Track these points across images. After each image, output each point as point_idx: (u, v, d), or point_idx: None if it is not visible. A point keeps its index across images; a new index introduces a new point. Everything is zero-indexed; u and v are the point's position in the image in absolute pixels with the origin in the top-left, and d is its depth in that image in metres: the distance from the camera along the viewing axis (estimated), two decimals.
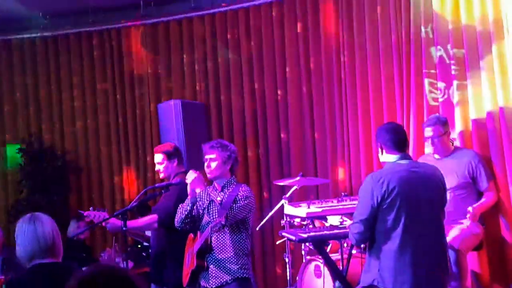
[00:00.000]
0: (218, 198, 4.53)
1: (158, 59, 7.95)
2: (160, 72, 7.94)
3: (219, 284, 4.49)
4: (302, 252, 5.87)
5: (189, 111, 7.18)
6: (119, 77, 8.14)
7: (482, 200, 5.23)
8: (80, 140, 8.29)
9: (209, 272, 4.52)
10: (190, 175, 4.57)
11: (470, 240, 5.11)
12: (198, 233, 4.62)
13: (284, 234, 5.06)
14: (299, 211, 5.21)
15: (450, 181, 4.89)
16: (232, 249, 4.49)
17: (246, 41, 7.48)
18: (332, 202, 5.25)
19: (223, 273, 4.48)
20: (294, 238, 4.68)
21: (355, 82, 6.60)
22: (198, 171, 4.65)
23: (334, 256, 5.22)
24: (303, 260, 5.73)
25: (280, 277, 7.09)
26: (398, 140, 4.01)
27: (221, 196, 4.54)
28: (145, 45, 8.00)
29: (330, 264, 4.91)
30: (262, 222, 6.31)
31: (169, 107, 7.21)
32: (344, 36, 6.70)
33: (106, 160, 8.20)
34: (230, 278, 4.48)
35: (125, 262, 5.10)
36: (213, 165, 4.58)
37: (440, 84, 5.78)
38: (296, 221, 5.73)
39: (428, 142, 5.35)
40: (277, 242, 6.50)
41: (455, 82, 5.63)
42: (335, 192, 6.53)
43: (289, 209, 5.45)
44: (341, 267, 5.05)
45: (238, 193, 4.49)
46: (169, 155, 5.28)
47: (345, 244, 5.19)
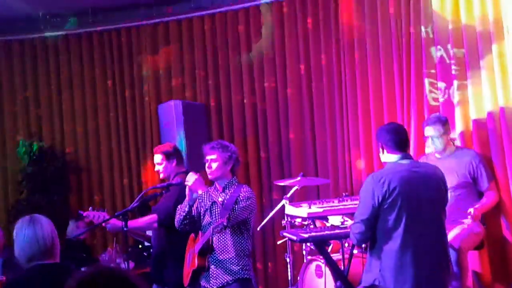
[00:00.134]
0: (220, 199, 4.53)
1: (158, 59, 7.94)
2: (161, 72, 7.93)
3: (220, 285, 4.49)
4: (303, 252, 5.87)
5: (190, 112, 7.17)
6: (119, 77, 8.13)
7: (483, 201, 5.22)
8: (80, 140, 8.28)
9: (210, 273, 4.52)
10: (191, 177, 4.56)
11: (471, 240, 5.10)
12: (200, 233, 4.62)
13: (285, 234, 5.06)
14: (300, 211, 5.19)
15: (451, 181, 4.88)
16: (234, 250, 4.49)
17: (246, 41, 7.47)
18: (333, 202, 5.23)
19: (224, 274, 4.48)
20: (295, 238, 4.68)
21: (356, 82, 6.60)
22: (198, 173, 4.64)
23: (335, 256, 5.22)
24: (304, 260, 5.73)
25: (281, 277, 7.08)
26: (399, 140, 4.01)
27: (223, 197, 4.54)
28: (145, 45, 8.00)
29: (331, 264, 4.91)
30: (263, 222, 6.30)
31: (170, 108, 7.21)
32: (344, 36, 6.70)
33: (107, 160, 8.19)
34: (231, 279, 4.48)
35: (126, 263, 5.11)
36: (214, 166, 4.57)
37: (441, 84, 5.78)
38: (297, 221, 5.73)
39: (429, 141, 5.34)
40: (278, 242, 6.49)
41: (456, 82, 5.63)
42: (336, 192, 6.52)
43: (290, 209, 5.44)
44: (342, 267, 5.04)
45: (240, 194, 4.48)
46: (168, 156, 5.27)
47: (346, 244, 5.18)
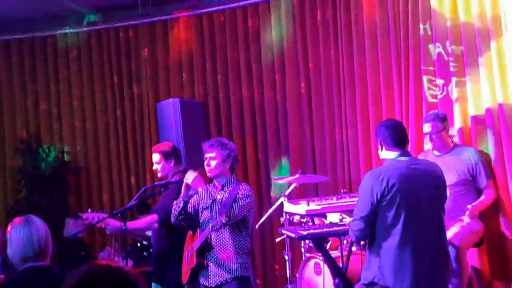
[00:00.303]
0: (218, 197, 4.53)
1: (157, 58, 7.94)
2: (159, 71, 7.93)
3: (219, 283, 4.49)
4: (302, 250, 5.87)
5: (188, 110, 7.17)
6: (118, 76, 8.13)
7: (481, 198, 5.21)
8: (80, 140, 8.28)
9: (209, 271, 4.52)
10: (190, 175, 4.56)
11: (470, 237, 5.10)
12: (198, 231, 4.61)
13: (284, 232, 5.05)
14: (299, 209, 5.19)
15: (450, 178, 4.87)
16: (232, 248, 4.49)
17: (244, 40, 7.47)
18: (332, 200, 5.22)
19: (223, 272, 4.48)
20: (294, 236, 4.67)
21: (354, 80, 6.60)
22: (197, 171, 4.63)
23: (334, 254, 5.21)
24: (303, 258, 5.73)
25: (280, 275, 7.09)
26: (398, 137, 4.01)
27: (221, 195, 4.54)
28: (143, 45, 7.99)
29: (330, 262, 4.91)
30: (262, 220, 6.31)
31: (168, 106, 7.21)
32: (343, 34, 6.70)
33: (105, 160, 8.19)
34: (230, 277, 4.47)
35: (125, 261, 5.10)
36: (213, 164, 4.56)
37: (439, 81, 5.78)
38: (296, 219, 5.73)
39: (427, 138, 5.33)
40: (277, 240, 6.50)
41: (454, 79, 5.63)
42: (335, 190, 6.52)
43: (289, 207, 5.43)
44: (341, 264, 5.04)
45: (239, 192, 4.48)
46: (166, 155, 5.26)
47: (345, 241, 5.17)
